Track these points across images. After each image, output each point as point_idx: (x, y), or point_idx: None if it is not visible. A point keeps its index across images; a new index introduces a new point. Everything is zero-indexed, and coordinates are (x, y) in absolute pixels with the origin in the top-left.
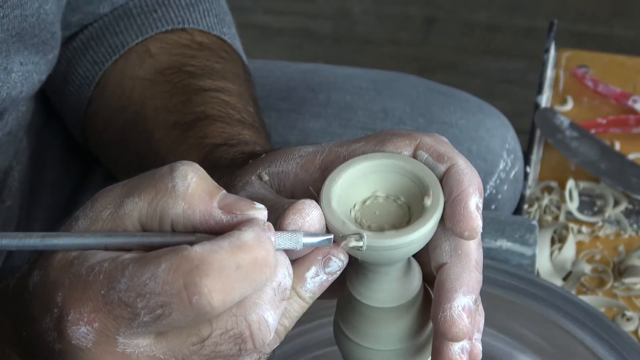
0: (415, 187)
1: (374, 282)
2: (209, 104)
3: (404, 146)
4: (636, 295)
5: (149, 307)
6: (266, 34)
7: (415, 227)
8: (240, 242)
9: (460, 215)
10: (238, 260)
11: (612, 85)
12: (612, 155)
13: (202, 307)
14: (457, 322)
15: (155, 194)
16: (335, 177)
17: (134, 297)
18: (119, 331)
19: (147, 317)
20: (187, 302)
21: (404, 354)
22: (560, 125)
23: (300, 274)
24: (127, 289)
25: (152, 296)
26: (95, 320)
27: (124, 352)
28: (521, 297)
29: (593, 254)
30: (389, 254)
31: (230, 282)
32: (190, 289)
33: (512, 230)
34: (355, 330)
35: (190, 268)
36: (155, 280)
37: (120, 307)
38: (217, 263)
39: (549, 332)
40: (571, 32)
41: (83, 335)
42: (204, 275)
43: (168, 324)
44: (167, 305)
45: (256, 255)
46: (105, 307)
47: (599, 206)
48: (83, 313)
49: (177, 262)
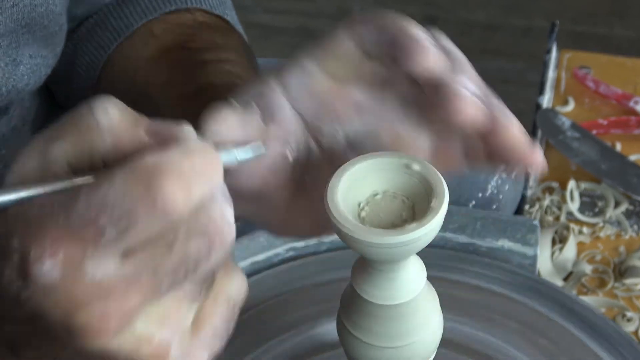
0: (420, 185)
1: (378, 279)
2: (212, 74)
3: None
4: (637, 295)
5: (113, 220)
6: (266, 33)
7: (420, 225)
8: (188, 146)
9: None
10: (191, 160)
11: (614, 87)
12: (613, 156)
13: (166, 207)
14: (466, 96)
15: (79, 134)
16: (340, 175)
17: (95, 214)
18: (85, 257)
19: (112, 232)
20: (151, 205)
21: (409, 350)
22: (561, 126)
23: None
24: (86, 208)
25: (114, 208)
26: (59, 251)
27: (94, 280)
28: (522, 297)
29: (594, 254)
30: (394, 251)
31: (188, 180)
32: (152, 190)
33: (513, 231)
34: (360, 328)
35: (147, 172)
36: (115, 191)
37: (83, 228)
38: (172, 164)
39: (549, 332)
40: (570, 32)
41: (48, 271)
42: (162, 176)
43: (134, 236)
44: (132, 213)
45: (206, 155)
46: (67, 232)
47: (599, 207)
48: (45, 246)
49: (133, 170)
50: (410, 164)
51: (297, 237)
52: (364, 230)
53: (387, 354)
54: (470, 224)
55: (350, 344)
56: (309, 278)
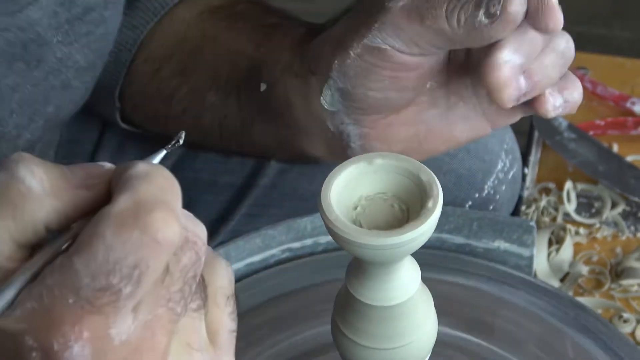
0: (415, 186)
1: (373, 280)
2: (288, 12)
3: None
4: (633, 297)
5: (125, 275)
6: None
7: (414, 226)
8: (147, 172)
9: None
10: (159, 183)
11: (611, 87)
12: (610, 157)
13: (168, 239)
14: (499, 67)
15: (14, 206)
16: (334, 176)
17: (105, 278)
18: (109, 323)
19: (128, 287)
20: (154, 243)
21: (404, 352)
22: (558, 126)
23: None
24: (92, 277)
25: (122, 263)
26: (82, 330)
27: (122, 341)
28: (518, 298)
29: (590, 255)
30: (388, 252)
31: (171, 203)
32: (149, 228)
33: (510, 231)
34: (355, 330)
35: (134, 214)
36: (113, 249)
37: (98, 298)
38: (149, 196)
39: (545, 333)
40: (569, 33)
41: (79, 354)
42: (150, 211)
43: (149, 279)
44: (140, 260)
45: (160, 171)
46: (84, 310)
47: (596, 208)
48: (66, 333)
49: (116, 218)
50: (404, 166)
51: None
52: (357, 231)
53: (381, 355)
54: (466, 224)
55: (344, 346)
56: (304, 279)
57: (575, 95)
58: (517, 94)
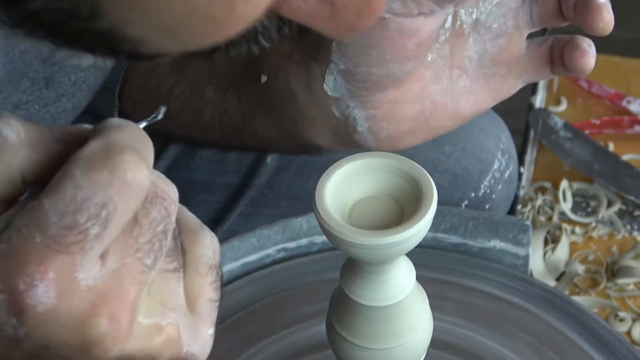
0: (409, 186)
1: (368, 281)
2: None
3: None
4: (629, 296)
5: (92, 214)
6: None
7: (409, 225)
8: (118, 124)
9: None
10: (128, 133)
11: (606, 86)
12: (605, 156)
13: (137, 179)
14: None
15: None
16: (328, 175)
17: (72, 217)
18: (76, 265)
19: (95, 227)
20: (124, 185)
21: (399, 352)
22: (554, 126)
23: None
24: (59, 215)
25: (90, 202)
26: (48, 270)
27: (88, 286)
28: (514, 297)
29: (586, 254)
30: (383, 252)
31: (140, 151)
32: (119, 170)
33: (505, 231)
34: (350, 330)
35: (104, 156)
36: (82, 186)
37: (65, 236)
38: (121, 142)
39: (541, 333)
40: (566, 33)
41: (44, 296)
42: (121, 154)
43: (117, 225)
44: (108, 200)
45: (135, 126)
46: (50, 248)
47: (592, 207)
48: (32, 273)
49: (87, 160)
50: (399, 165)
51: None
52: (352, 231)
53: (377, 355)
54: (462, 224)
55: (339, 346)
56: (300, 279)
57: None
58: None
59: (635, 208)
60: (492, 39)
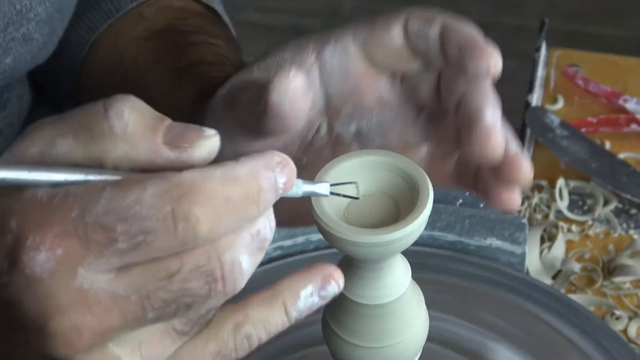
0: (404, 183)
1: (363, 278)
2: (203, 52)
3: (394, 20)
4: (625, 294)
5: (130, 232)
6: (256, 32)
7: (405, 223)
8: (233, 175)
9: (478, 52)
10: (229, 192)
11: (603, 85)
12: (602, 155)
13: (187, 236)
14: (493, 132)
15: (91, 137)
16: (325, 172)
17: (114, 220)
18: (85, 261)
19: (125, 243)
20: (172, 229)
21: (394, 350)
22: (550, 124)
23: (295, 289)
24: (106, 211)
25: (136, 220)
26: (60, 246)
27: (81, 286)
28: (510, 295)
29: (583, 252)
30: (380, 250)
31: (218, 214)
32: (178, 215)
33: (501, 229)
34: (345, 328)
35: (180, 194)
36: (141, 204)
37: (95, 231)
38: (208, 192)
39: (538, 331)
40: (562, 31)
41: (41, 264)
42: (193, 203)
43: (142, 254)
44: (150, 231)
45: (247, 191)
46: (77, 230)
47: (589, 205)
48: (46, 238)
49: (166, 187)
50: (395, 163)
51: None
52: (347, 229)
53: (372, 354)
54: (458, 222)
55: (334, 344)
56: None
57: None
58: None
59: (631, 206)
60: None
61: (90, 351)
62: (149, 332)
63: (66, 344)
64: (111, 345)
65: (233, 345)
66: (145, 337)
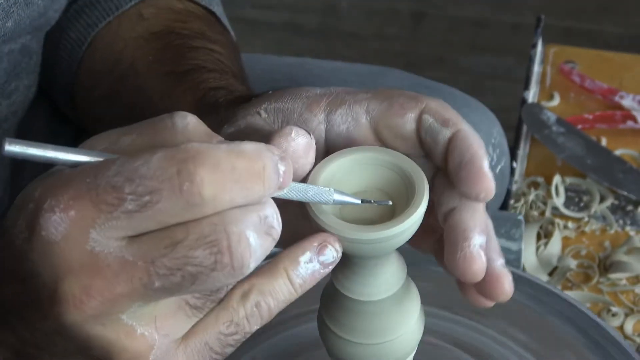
0: (400, 180)
1: (359, 275)
2: (202, 59)
3: (410, 108)
4: (621, 290)
5: (138, 192)
6: (253, 28)
7: (400, 220)
8: (239, 149)
9: (476, 177)
10: (234, 162)
11: (599, 81)
12: (598, 151)
13: (192, 196)
14: (476, 259)
15: (154, 132)
16: (321, 169)
17: (122, 181)
18: (96, 223)
19: (132, 204)
20: (177, 188)
21: (390, 347)
22: (546, 120)
23: (294, 256)
24: (116, 174)
25: (142, 180)
26: (72, 207)
27: (93, 249)
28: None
29: (579, 249)
30: (375, 246)
31: (224, 179)
32: (183, 175)
33: (498, 225)
34: (341, 325)
35: (186, 157)
36: (148, 165)
37: (105, 192)
38: (213, 158)
39: (533, 327)
40: (559, 28)
41: (55, 225)
42: (199, 164)
43: (150, 217)
44: (157, 191)
45: (252, 165)
46: (89, 193)
47: (585, 202)
48: (61, 200)
49: (173, 151)
50: (391, 159)
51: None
52: (342, 225)
53: (368, 350)
54: None
55: (330, 341)
56: None
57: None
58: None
59: (627, 203)
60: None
61: (102, 321)
62: (163, 307)
63: (76, 307)
64: (124, 318)
65: (244, 313)
66: (160, 311)
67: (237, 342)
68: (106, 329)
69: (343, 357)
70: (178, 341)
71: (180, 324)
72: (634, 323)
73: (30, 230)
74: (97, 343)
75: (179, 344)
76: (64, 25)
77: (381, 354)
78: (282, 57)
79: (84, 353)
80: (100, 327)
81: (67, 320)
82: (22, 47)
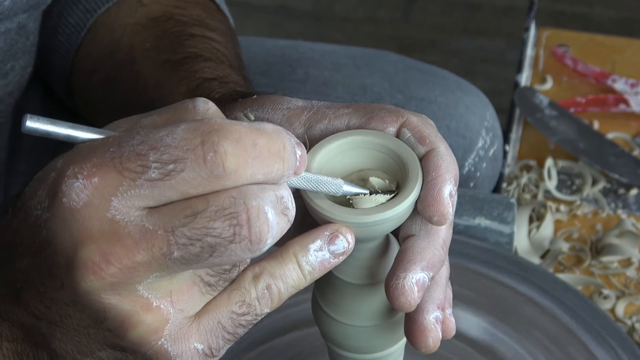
0: (395, 163)
1: (352, 258)
2: (199, 47)
3: (391, 122)
4: (613, 273)
5: (162, 160)
6: (246, 11)
7: (392, 204)
8: (260, 127)
9: (433, 199)
10: (256, 139)
11: (592, 65)
12: (590, 135)
13: (215, 167)
14: (407, 293)
15: (175, 113)
16: (315, 152)
17: (147, 149)
18: (118, 190)
19: (156, 172)
20: (201, 158)
21: (382, 329)
22: (539, 104)
23: (304, 243)
24: (140, 142)
25: (167, 149)
26: (96, 175)
27: (114, 217)
28: (499, 274)
29: (571, 232)
30: (366, 230)
31: (246, 153)
32: (208, 146)
33: (490, 208)
34: (334, 307)
35: (210, 129)
36: (173, 135)
37: (129, 159)
38: (236, 132)
39: (525, 310)
40: (551, 11)
41: (77, 191)
42: (222, 137)
43: (174, 185)
44: (181, 160)
45: (273, 144)
46: (112, 160)
47: (577, 185)
48: (84, 167)
49: (197, 123)
50: (385, 143)
51: None
52: (337, 209)
53: (360, 332)
54: None
55: (324, 322)
56: None
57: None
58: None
59: (619, 186)
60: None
61: (119, 290)
62: (179, 281)
63: (95, 273)
64: (141, 289)
65: (255, 294)
66: (175, 286)
67: (249, 324)
68: (123, 299)
69: (337, 339)
70: (191, 318)
71: (194, 300)
72: (626, 305)
73: (51, 197)
74: (112, 314)
75: (192, 320)
76: (63, 10)
77: (373, 337)
78: (275, 40)
79: (98, 326)
80: (117, 297)
81: (84, 287)
82: (19, 27)
